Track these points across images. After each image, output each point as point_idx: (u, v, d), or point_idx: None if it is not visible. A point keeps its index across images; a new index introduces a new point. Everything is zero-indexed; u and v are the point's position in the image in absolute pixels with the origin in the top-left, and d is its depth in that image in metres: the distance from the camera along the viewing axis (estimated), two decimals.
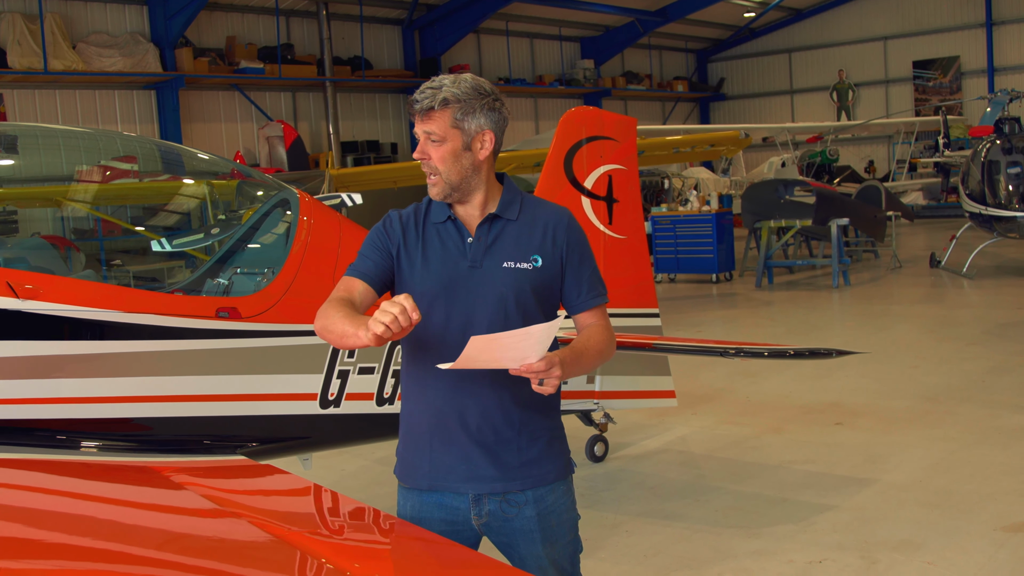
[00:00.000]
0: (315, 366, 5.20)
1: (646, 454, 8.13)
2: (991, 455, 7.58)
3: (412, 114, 3.27)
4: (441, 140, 3.22)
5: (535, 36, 32.76)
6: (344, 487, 7.22)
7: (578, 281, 3.35)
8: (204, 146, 22.33)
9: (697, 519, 6.57)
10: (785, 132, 28.31)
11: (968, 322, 13.67)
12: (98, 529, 3.20)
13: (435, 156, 3.23)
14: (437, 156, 3.23)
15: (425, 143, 3.24)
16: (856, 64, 36.65)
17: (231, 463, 4.40)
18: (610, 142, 7.22)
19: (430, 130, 3.22)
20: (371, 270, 3.30)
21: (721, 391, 10.09)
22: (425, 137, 3.23)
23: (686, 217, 19.27)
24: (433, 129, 3.22)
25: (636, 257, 7.49)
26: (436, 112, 3.21)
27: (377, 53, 27.71)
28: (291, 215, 5.42)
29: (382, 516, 3.29)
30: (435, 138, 3.22)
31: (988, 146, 17.70)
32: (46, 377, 4.32)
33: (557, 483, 3.40)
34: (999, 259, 19.63)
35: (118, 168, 6.11)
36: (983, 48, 34.09)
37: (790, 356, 7.60)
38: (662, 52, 38.12)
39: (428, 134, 3.22)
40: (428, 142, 3.23)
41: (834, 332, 13.84)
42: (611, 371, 7.30)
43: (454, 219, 3.32)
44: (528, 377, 2.98)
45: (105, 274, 6.23)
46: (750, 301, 17.03)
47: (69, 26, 21.07)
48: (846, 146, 33.33)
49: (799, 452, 7.90)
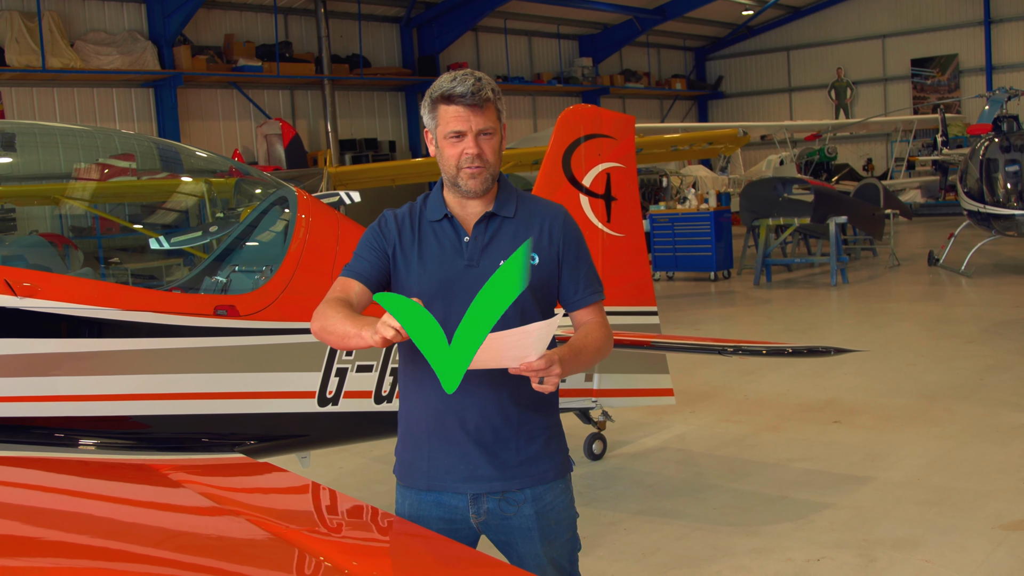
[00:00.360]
0: (313, 364, 5.20)
1: (644, 452, 8.13)
2: (989, 453, 7.59)
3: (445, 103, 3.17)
4: (493, 133, 3.20)
5: (533, 34, 32.76)
6: (342, 485, 7.22)
7: (575, 278, 3.34)
8: (202, 144, 22.32)
9: (695, 517, 6.57)
10: (783, 130, 28.31)
11: (966, 320, 13.67)
12: (96, 527, 3.20)
13: (488, 149, 3.20)
14: (490, 149, 3.21)
15: (476, 137, 3.18)
16: (854, 62, 36.67)
17: (229, 461, 4.40)
18: (608, 140, 7.22)
19: (486, 125, 3.18)
20: (367, 271, 3.29)
21: (719, 389, 10.10)
22: (478, 131, 3.17)
23: (684, 215, 19.27)
24: (489, 123, 3.18)
25: (634, 255, 7.49)
26: (490, 104, 3.19)
27: (375, 51, 27.70)
28: (289, 213, 5.42)
29: (380, 514, 3.29)
30: (489, 131, 3.19)
31: (986, 144, 17.71)
32: (44, 375, 4.32)
33: (555, 482, 3.39)
34: (997, 257, 19.64)
35: (116, 166, 6.10)
36: (981, 46, 34.10)
37: (788, 354, 7.60)
38: (660, 50, 38.12)
39: (483, 129, 3.17)
40: (480, 136, 3.18)
41: (832, 330, 13.85)
42: (609, 369, 7.30)
43: (450, 217, 3.30)
44: (528, 376, 2.97)
45: (103, 272, 6.23)
46: (748, 299, 17.03)
47: (67, 24, 21.06)
48: (844, 144, 33.32)
49: (797, 450, 7.90)
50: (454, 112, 3.17)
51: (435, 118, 3.22)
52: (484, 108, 3.16)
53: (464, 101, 3.14)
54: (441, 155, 3.25)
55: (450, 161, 3.22)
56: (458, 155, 3.19)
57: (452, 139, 3.19)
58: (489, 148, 3.20)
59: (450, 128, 3.18)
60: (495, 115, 3.21)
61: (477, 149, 3.18)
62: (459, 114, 3.16)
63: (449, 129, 3.18)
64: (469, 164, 3.19)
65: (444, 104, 3.18)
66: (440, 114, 3.20)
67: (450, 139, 3.20)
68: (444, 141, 3.21)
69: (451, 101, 3.16)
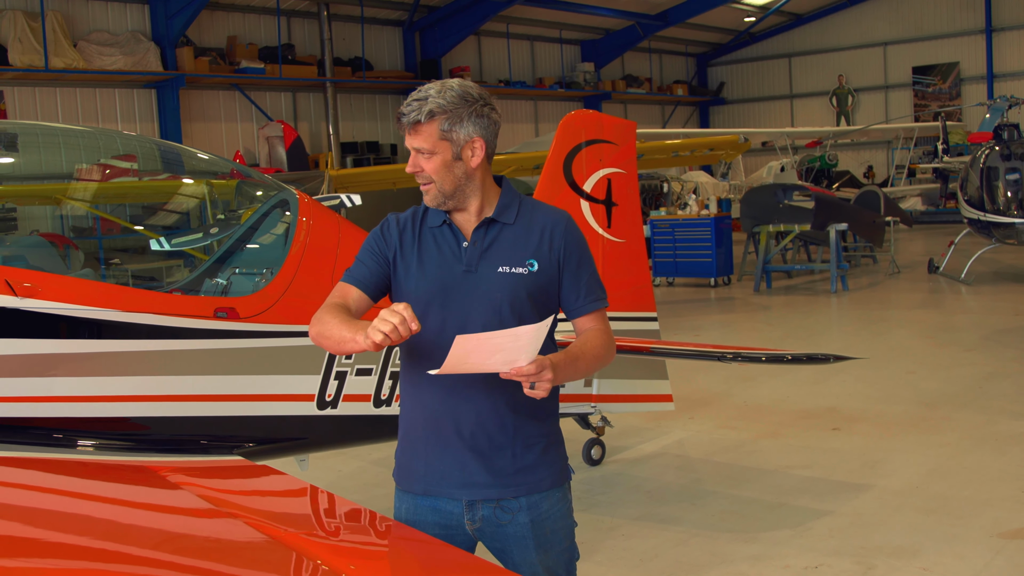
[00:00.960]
0: (313, 367, 5.20)
1: (643, 458, 8.12)
2: (988, 461, 7.59)
3: (400, 128, 3.25)
4: (431, 153, 3.21)
5: (535, 39, 32.78)
6: (340, 488, 7.22)
7: (576, 285, 3.32)
8: (204, 145, 22.34)
9: (694, 523, 6.57)
10: (784, 136, 28.31)
11: (966, 328, 13.67)
12: (94, 528, 3.20)
13: (428, 168, 3.22)
14: (430, 168, 3.22)
15: (416, 157, 3.23)
16: (856, 69, 36.69)
17: (228, 463, 4.40)
18: (609, 146, 7.22)
19: (418, 146, 3.21)
20: (366, 277, 3.30)
21: (718, 395, 10.09)
22: (417, 149, 3.21)
23: (685, 221, 19.29)
24: (421, 144, 3.20)
25: (634, 261, 7.49)
26: (423, 125, 3.18)
27: (378, 54, 27.72)
28: (290, 216, 5.42)
29: (378, 518, 3.29)
30: (424, 151, 3.21)
31: (987, 152, 17.72)
32: (43, 375, 4.32)
33: (552, 490, 3.37)
34: (997, 265, 19.65)
35: (118, 167, 6.10)
36: (983, 54, 34.12)
37: (788, 361, 7.58)
38: (662, 56, 38.14)
39: (418, 149, 3.21)
40: (420, 155, 3.22)
41: (832, 337, 13.85)
42: (609, 375, 7.30)
43: (450, 223, 3.30)
44: (519, 381, 2.97)
45: (104, 273, 6.23)
46: (748, 305, 17.04)
47: (70, 24, 21.08)
48: (845, 151, 33.35)
49: (796, 457, 7.90)
50: (405, 134, 3.26)
51: None
52: (420, 128, 3.19)
53: (404, 120, 3.21)
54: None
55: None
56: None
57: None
58: (429, 165, 3.22)
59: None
60: (435, 135, 3.19)
61: (415, 168, 3.24)
62: (407, 135, 3.24)
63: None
64: (421, 181, 3.26)
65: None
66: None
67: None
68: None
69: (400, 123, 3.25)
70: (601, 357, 3.30)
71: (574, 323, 3.38)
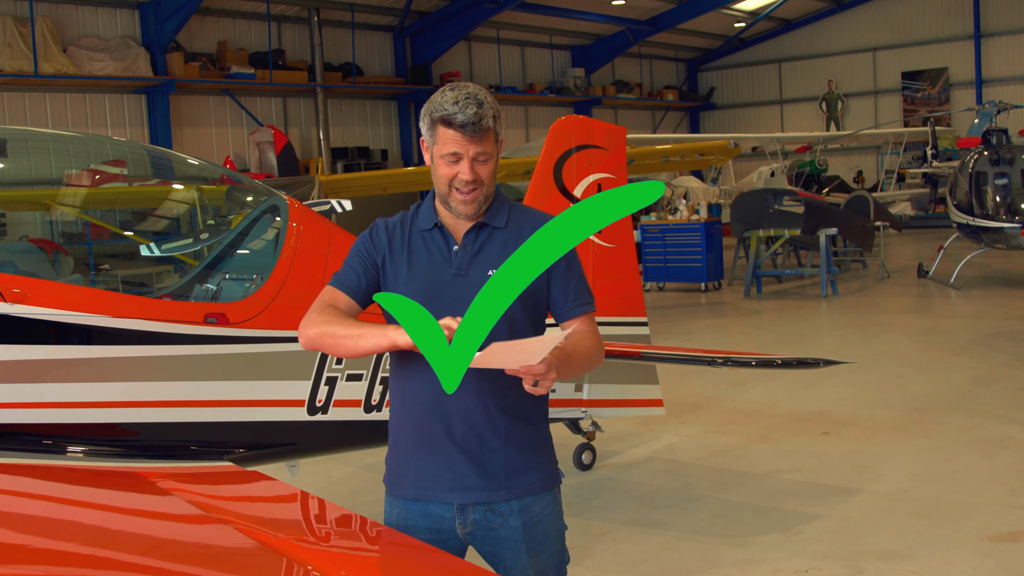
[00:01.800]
0: (303, 372, 5.20)
1: (634, 463, 8.13)
2: (977, 465, 7.61)
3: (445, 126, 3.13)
4: (489, 159, 3.19)
5: (526, 44, 32.83)
6: (331, 494, 7.21)
7: (565, 289, 3.32)
8: (194, 151, 22.31)
9: (684, 528, 6.58)
10: (774, 142, 28.41)
11: (955, 332, 13.72)
12: (84, 535, 3.19)
13: (484, 174, 3.19)
14: (486, 173, 3.20)
15: (472, 162, 3.16)
16: (845, 74, 36.83)
17: (218, 469, 4.40)
18: (600, 151, 7.24)
19: (484, 150, 3.16)
20: (354, 283, 3.29)
21: (709, 400, 10.11)
22: (474, 156, 3.15)
23: (675, 226, 19.32)
24: (487, 149, 3.17)
25: (625, 266, 7.50)
26: (490, 132, 3.16)
27: (368, 60, 27.73)
28: (280, 221, 5.42)
29: (368, 523, 3.29)
30: (485, 157, 3.18)
31: (976, 157, 17.81)
32: (33, 381, 4.31)
33: (543, 493, 3.38)
34: (986, 269, 19.72)
35: (107, 172, 6.09)
36: (971, 60, 34.28)
37: (778, 365, 7.62)
38: (652, 61, 38.23)
39: (480, 153, 3.16)
40: (476, 161, 3.16)
41: (822, 341, 13.89)
42: (599, 379, 7.31)
43: (441, 226, 3.30)
44: (519, 377, 2.97)
45: (93, 279, 6.22)
46: (738, 310, 17.07)
47: (60, 29, 21.05)
48: (835, 156, 33.41)
49: (786, 461, 7.92)
50: (452, 136, 3.13)
51: (434, 136, 3.19)
52: (484, 137, 3.15)
53: (465, 131, 3.12)
54: (435, 172, 3.23)
55: (443, 180, 3.20)
56: (452, 176, 3.18)
57: (449, 160, 3.17)
58: (485, 171, 3.20)
59: (447, 150, 3.16)
60: (493, 140, 3.19)
61: (473, 175, 3.17)
62: (458, 140, 3.13)
63: (446, 151, 3.16)
64: (462, 187, 3.18)
65: (444, 127, 3.15)
66: (439, 134, 3.16)
67: (446, 159, 3.17)
68: (440, 160, 3.19)
69: (450, 126, 3.13)
70: (593, 357, 3.30)
71: (562, 327, 3.38)
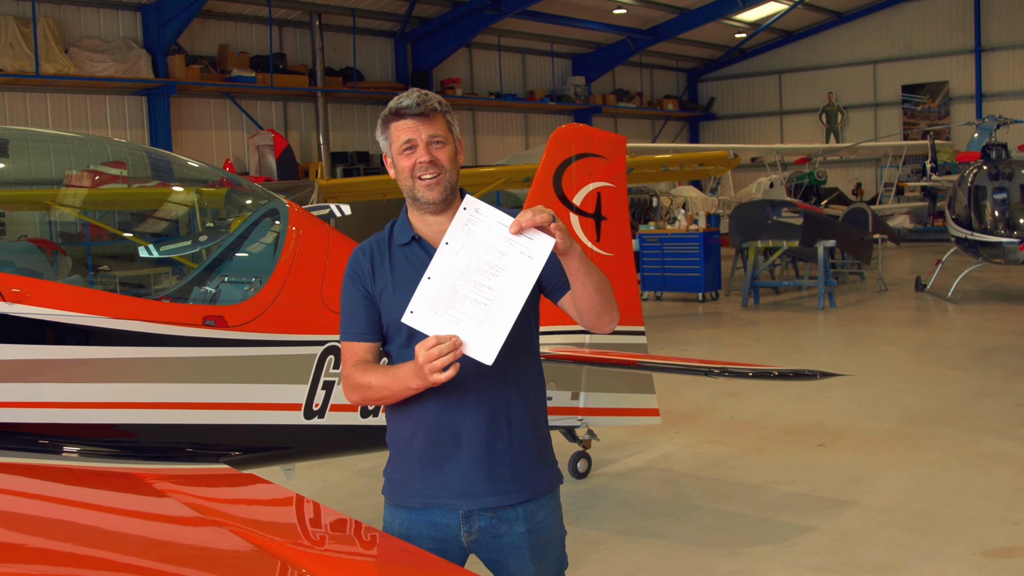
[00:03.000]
0: (300, 376, 5.20)
1: (629, 471, 8.13)
2: (972, 479, 7.62)
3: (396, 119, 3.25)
4: (444, 141, 3.26)
5: (527, 52, 32.88)
6: (326, 498, 7.21)
7: (554, 268, 3.21)
8: (194, 153, 22.31)
9: (678, 537, 6.58)
10: (774, 153, 28.44)
11: (952, 346, 13.73)
12: (80, 536, 3.19)
13: (442, 157, 3.25)
14: (444, 156, 3.26)
15: (428, 146, 3.23)
16: (845, 87, 36.91)
17: (214, 472, 4.39)
18: (599, 160, 7.25)
19: (436, 132, 3.24)
20: (364, 329, 3.33)
21: (705, 410, 10.12)
22: (429, 139, 3.23)
23: (673, 235, 19.33)
24: (438, 131, 3.24)
25: (623, 275, 7.51)
26: (437, 115, 3.25)
27: (369, 65, 27.76)
28: (280, 225, 5.42)
29: (364, 528, 3.29)
30: (439, 139, 3.25)
31: (975, 171, 17.83)
32: (30, 381, 4.31)
33: (547, 498, 3.40)
34: (984, 284, 19.75)
35: (107, 173, 6.10)
36: (971, 74, 34.36)
37: (774, 377, 7.61)
38: (653, 70, 38.29)
39: (433, 136, 3.23)
40: (432, 144, 3.24)
41: (819, 353, 13.90)
42: (595, 388, 7.31)
43: (418, 239, 3.32)
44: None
45: (92, 279, 6.22)
46: (736, 321, 17.08)
47: (62, 30, 21.06)
48: (834, 168, 33.48)
49: (781, 472, 7.92)
50: (403, 125, 3.24)
51: (388, 136, 3.29)
52: (432, 117, 3.24)
53: (411, 111, 3.22)
54: (398, 171, 3.30)
55: (405, 173, 3.27)
56: (412, 165, 3.24)
57: (406, 152, 3.25)
58: (443, 155, 3.26)
59: (401, 139, 3.25)
60: (445, 125, 3.27)
61: (430, 156, 3.24)
62: (408, 126, 3.24)
63: (401, 140, 3.25)
64: (424, 172, 3.23)
65: (394, 120, 3.26)
66: (391, 130, 3.28)
67: (404, 152, 3.26)
68: (399, 156, 3.27)
69: (400, 116, 3.24)
70: (607, 284, 3.24)
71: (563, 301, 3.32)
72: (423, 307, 3.02)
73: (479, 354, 2.99)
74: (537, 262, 2.98)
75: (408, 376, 3.08)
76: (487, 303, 2.99)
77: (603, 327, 3.33)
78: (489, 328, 2.98)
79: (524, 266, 2.98)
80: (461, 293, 3.00)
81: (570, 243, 3.03)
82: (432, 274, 3.03)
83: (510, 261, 2.99)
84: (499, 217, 3.02)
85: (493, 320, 2.98)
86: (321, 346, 5.22)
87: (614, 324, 3.33)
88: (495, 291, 2.99)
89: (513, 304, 2.98)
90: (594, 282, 3.17)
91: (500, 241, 3.00)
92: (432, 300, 3.02)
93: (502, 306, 2.98)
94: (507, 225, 2.99)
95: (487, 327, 2.98)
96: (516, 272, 2.98)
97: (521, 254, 2.98)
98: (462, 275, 3.01)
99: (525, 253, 2.98)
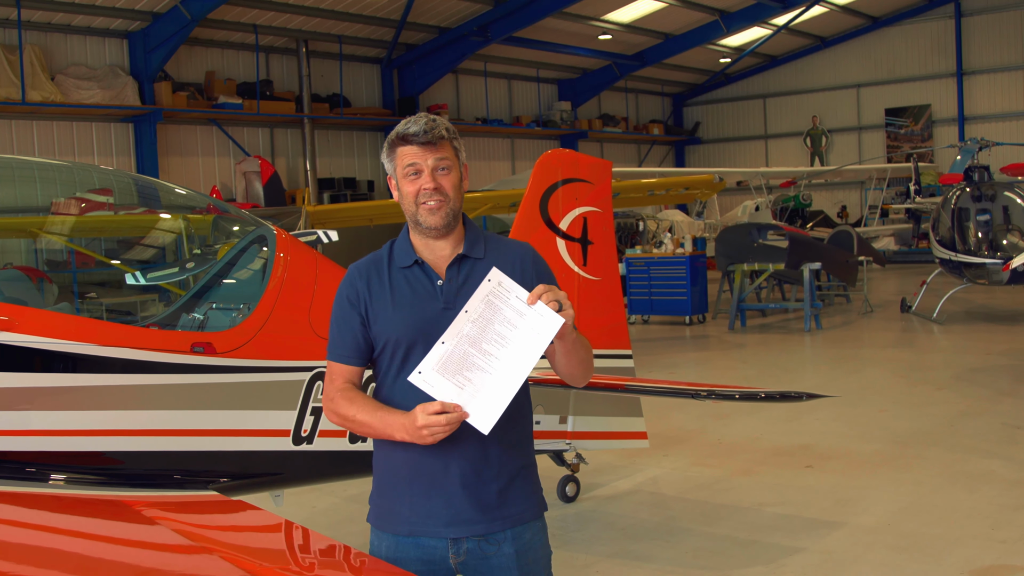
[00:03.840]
0: (289, 402, 5.20)
1: (617, 495, 8.14)
2: (959, 499, 7.64)
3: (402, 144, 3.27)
4: (449, 169, 3.29)
5: (513, 77, 33.00)
6: (315, 524, 7.19)
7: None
8: (181, 180, 22.31)
9: (667, 560, 6.58)
10: (759, 176, 28.56)
11: (938, 367, 13.79)
12: (68, 564, 3.19)
13: (447, 184, 3.28)
14: (448, 183, 3.29)
15: (433, 172, 3.26)
16: (830, 110, 37.14)
17: (203, 498, 4.39)
18: (586, 184, 7.29)
19: (443, 156, 3.27)
20: (351, 351, 3.34)
21: (692, 433, 10.13)
22: (435, 165, 3.26)
23: (660, 259, 19.39)
24: (445, 155, 3.28)
25: (610, 298, 7.54)
26: (445, 141, 3.28)
27: (356, 91, 27.84)
28: (268, 251, 5.44)
29: (353, 553, 3.29)
30: (445, 165, 3.28)
31: (958, 193, 17.97)
32: (18, 409, 4.31)
33: (534, 521, 3.42)
34: (968, 304, 19.84)
35: (94, 201, 6.10)
36: (953, 97, 34.61)
37: (761, 399, 7.64)
38: (638, 95, 38.47)
39: (440, 160, 3.27)
40: (437, 171, 3.27)
41: (805, 375, 13.93)
42: (583, 412, 7.32)
43: (421, 263, 3.33)
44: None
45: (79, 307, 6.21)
46: (723, 343, 17.12)
47: (48, 57, 21.07)
48: (819, 191, 33.68)
49: (769, 494, 7.93)
50: (409, 150, 3.28)
51: (393, 160, 3.32)
52: (439, 145, 3.27)
53: (418, 139, 3.25)
54: (402, 195, 3.33)
55: (409, 198, 3.30)
56: (416, 191, 3.28)
57: (411, 177, 3.29)
58: (447, 182, 3.29)
59: (406, 163, 3.28)
60: (451, 152, 3.31)
61: (434, 183, 3.26)
62: (414, 152, 3.27)
63: (406, 163, 3.28)
64: (427, 199, 3.26)
65: (401, 145, 3.30)
66: (397, 155, 3.31)
67: (409, 177, 3.29)
68: (403, 180, 3.30)
69: (407, 141, 3.27)
70: (590, 357, 3.37)
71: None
72: (431, 369, 3.10)
73: (477, 422, 3.08)
74: (544, 338, 3.08)
75: (397, 428, 3.13)
76: (493, 372, 3.07)
77: (575, 384, 3.48)
78: (490, 398, 3.07)
79: (532, 341, 3.08)
80: (470, 360, 3.09)
81: (571, 327, 3.13)
82: (447, 339, 3.10)
83: (519, 334, 3.09)
84: (518, 292, 3.11)
85: (495, 390, 3.07)
86: (309, 372, 5.22)
87: (586, 383, 3.47)
88: (502, 361, 3.08)
89: (517, 377, 3.09)
90: (579, 358, 3.31)
91: (514, 314, 3.09)
92: (442, 364, 3.09)
93: (506, 377, 3.07)
94: (524, 300, 3.09)
95: (489, 396, 3.07)
96: (523, 345, 3.08)
97: (531, 329, 3.08)
98: (474, 342, 3.09)
99: (535, 328, 3.08)
